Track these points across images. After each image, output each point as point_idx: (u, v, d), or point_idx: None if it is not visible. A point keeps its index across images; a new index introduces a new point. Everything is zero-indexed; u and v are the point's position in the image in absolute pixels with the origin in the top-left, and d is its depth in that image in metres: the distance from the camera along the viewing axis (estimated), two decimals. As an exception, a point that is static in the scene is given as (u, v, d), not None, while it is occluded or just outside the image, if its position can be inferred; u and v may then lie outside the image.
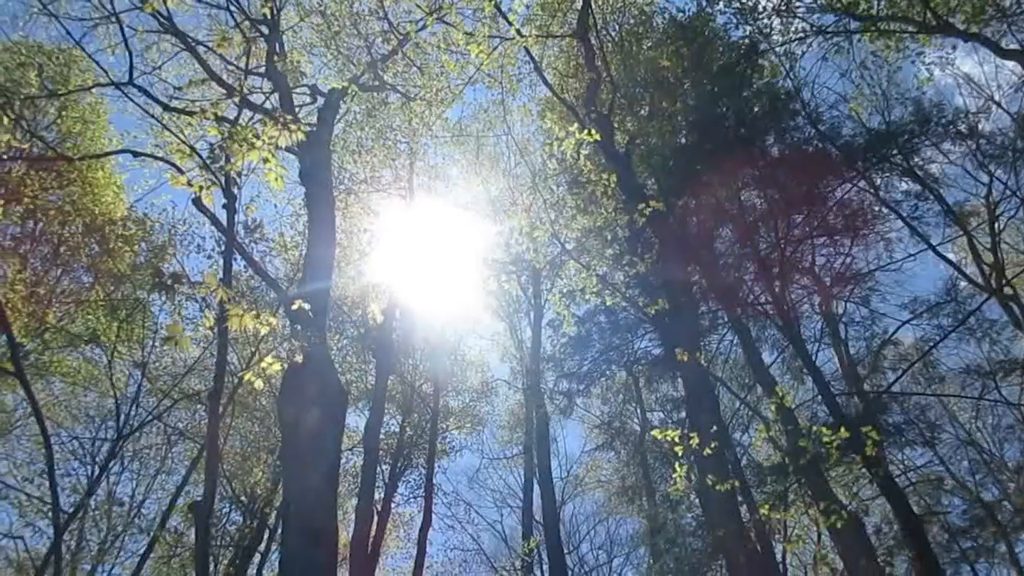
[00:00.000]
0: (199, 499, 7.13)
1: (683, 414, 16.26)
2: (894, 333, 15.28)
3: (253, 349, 17.55)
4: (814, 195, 14.40)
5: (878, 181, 15.04)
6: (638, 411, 21.90)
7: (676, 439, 7.93)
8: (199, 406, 19.24)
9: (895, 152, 14.42)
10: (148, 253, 18.18)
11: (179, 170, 7.36)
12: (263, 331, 5.91)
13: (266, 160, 6.95)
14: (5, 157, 14.51)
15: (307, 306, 6.67)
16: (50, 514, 14.34)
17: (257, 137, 7.03)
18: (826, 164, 14.25)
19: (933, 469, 17.75)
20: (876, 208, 14.99)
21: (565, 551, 22.49)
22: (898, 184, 15.52)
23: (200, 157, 8.36)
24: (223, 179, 8.23)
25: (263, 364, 5.96)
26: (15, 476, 18.62)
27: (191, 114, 11.76)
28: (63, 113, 17.16)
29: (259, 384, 6.04)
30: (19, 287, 15.78)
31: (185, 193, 7.06)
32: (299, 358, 6.53)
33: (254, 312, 5.68)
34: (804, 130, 14.98)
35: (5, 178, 15.77)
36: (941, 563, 11.80)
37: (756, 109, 15.00)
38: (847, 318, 16.02)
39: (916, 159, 14.87)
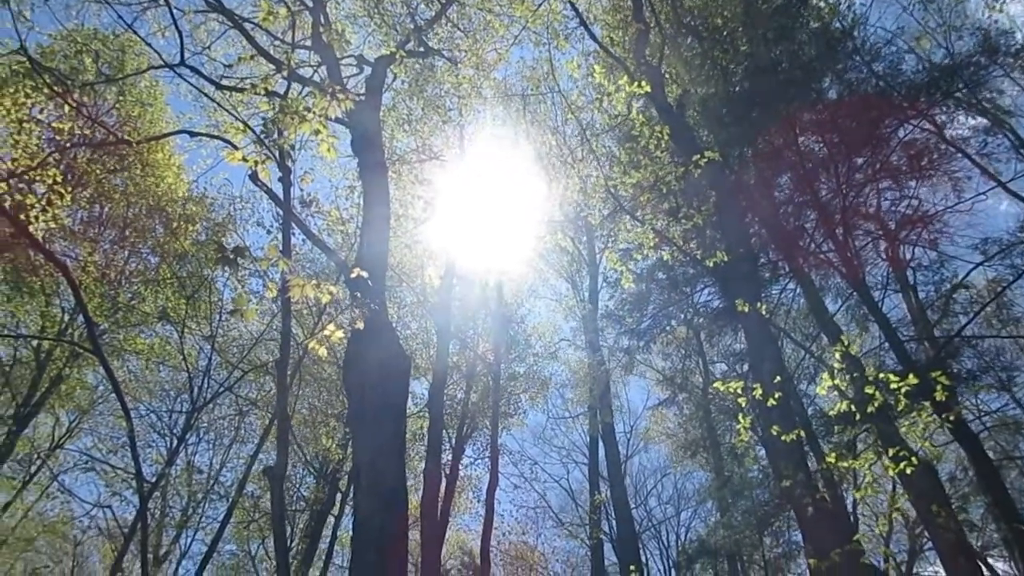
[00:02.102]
0: (271, 465, 7.35)
1: (747, 366, 16.11)
2: (966, 276, 14.75)
3: (316, 319, 17.91)
4: (875, 137, 13.95)
5: (943, 118, 14.44)
6: (700, 365, 21.73)
7: (739, 391, 7.84)
8: (267, 377, 19.78)
9: (960, 86, 13.82)
10: (209, 230, 18.63)
11: (234, 147, 7.48)
12: (324, 299, 6.02)
13: (318, 131, 7.01)
14: (69, 144, 14.96)
15: (365, 273, 6.77)
16: (134, 484, 15.01)
17: (308, 109, 7.09)
18: (887, 104, 13.75)
19: (1010, 413, 17.23)
20: (942, 147, 14.40)
21: (632, 506, 22.64)
22: (964, 120, 14.87)
23: (254, 132, 8.48)
24: (277, 153, 8.36)
25: (326, 332, 6.08)
26: (100, 449, 19.51)
27: (242, 91, 11.88)
28: (121, 98, 17.57)
29: (322, 352, 6.15)
30: (91, 268, 16.36)
31: (242, 170, 7.18)
32: (360, 324, 6.65)
33: (314, 282, 5.79)
34: (862, 70, 14.47)
35: (72, 164, 16.28)
36: (1020, 508, 11.53)
37: (812, 52, 14.53)
38: (915, 263, 15.53)
39: (983, 92, 14.21)
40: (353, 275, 6.67)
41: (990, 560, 17.00)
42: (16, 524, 20.34)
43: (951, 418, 7.94)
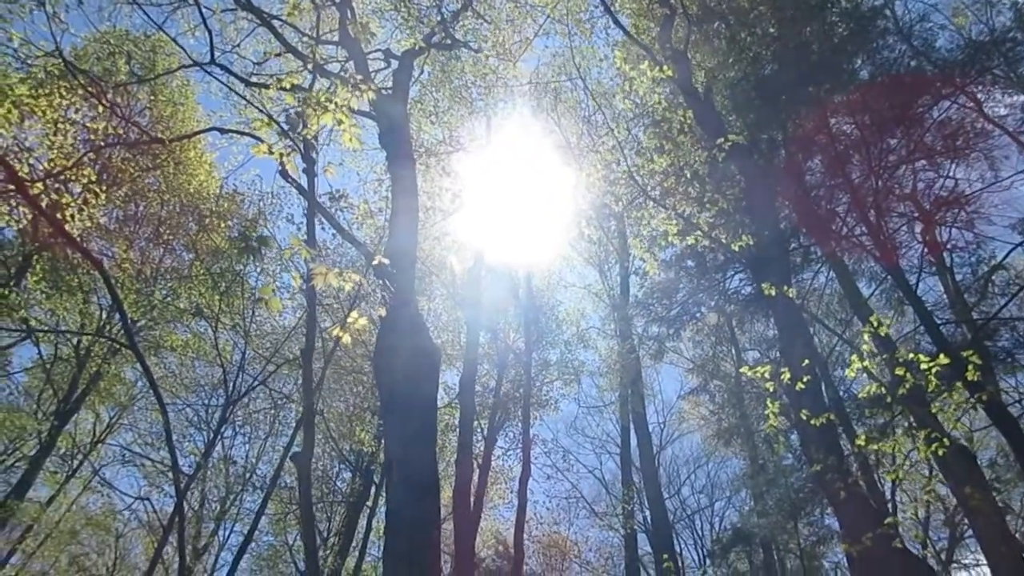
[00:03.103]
0: (298, 451, 7.44)
1: (779, 352, 15.93)
2: (1004, 257, 14.36)
3: (346, 312, 18.08)
4: (909, 116, 13.67)
5: (980, 96, 14.10)
6: (732, 352, 21.53)
7: (767, 375, 7.76)
8: (300, 371, 20.01)
9: (1000, 61, 13.49)
10: (241, 226, 18.88)
11: (262, 141, 7.58)
12: (347, 287, 6.07)
13: (340, 122, 7.09)
14: (103, 144, 15.23)
15: (386, 261, 6.81)
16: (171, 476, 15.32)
17: (330, 100, 7.18)
18: (921, 82, 13.48)
19: (1052, 395, 16.81)
20: (978, 125, 14.07)
21: (666, 495, 22.55)
22: (1001, 98, 14.51)
23: (279, 125, 8.58)
24: (302, 145, 8.45)
25: (350, 320, 6.15)
26: (140, 444, 19.92)
27: (268, 87, 12.02)
28: (153, 97, 17.85)
29: (347, 339, 6.22)
30: (126, 266, 16.68)
31: (271, 166, 7.31)
32: (381, 311, 6.69)
33: (337, 270, 5.85)
34: (895, 48, 14.18)
35: (106, 163, 16.58)
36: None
37: (842, 32, 14.27)
38: (951, 244, 15.18)
39: (1021, 69, 13.85)
40: (375, 262, 6.71)
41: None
42: (60, 517, 20.84)
43: (984, 399, 7.78)
